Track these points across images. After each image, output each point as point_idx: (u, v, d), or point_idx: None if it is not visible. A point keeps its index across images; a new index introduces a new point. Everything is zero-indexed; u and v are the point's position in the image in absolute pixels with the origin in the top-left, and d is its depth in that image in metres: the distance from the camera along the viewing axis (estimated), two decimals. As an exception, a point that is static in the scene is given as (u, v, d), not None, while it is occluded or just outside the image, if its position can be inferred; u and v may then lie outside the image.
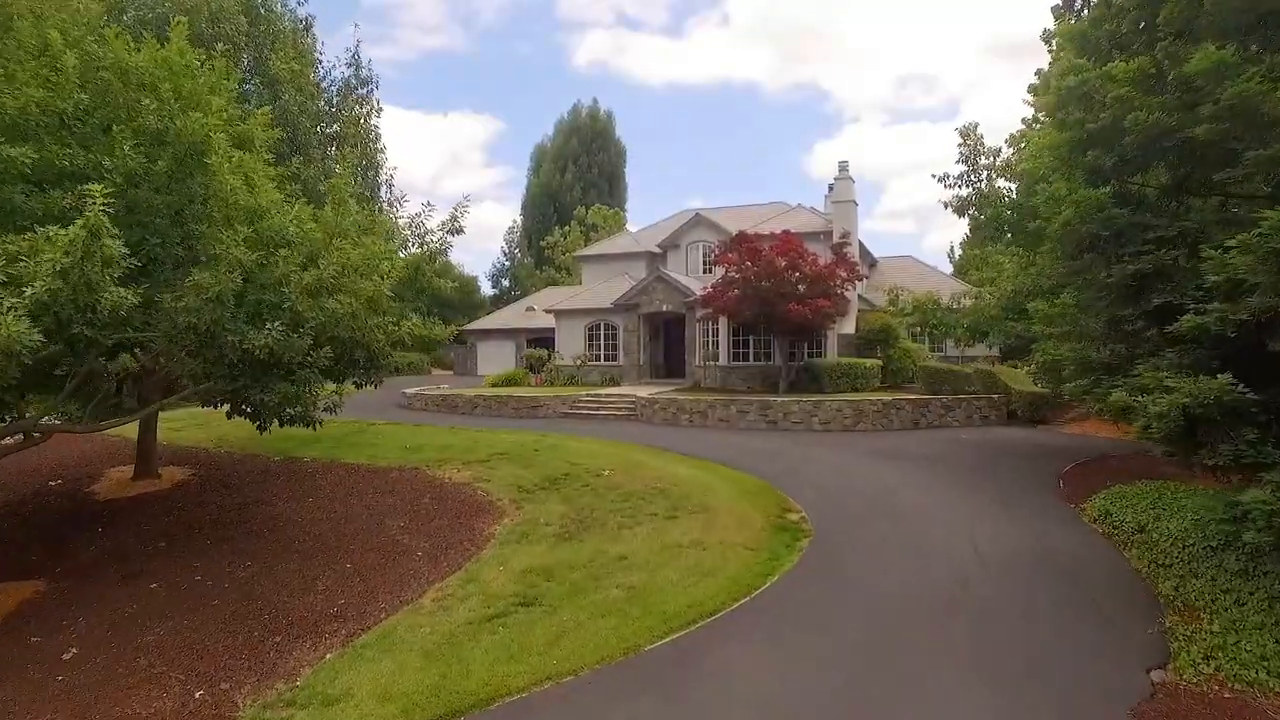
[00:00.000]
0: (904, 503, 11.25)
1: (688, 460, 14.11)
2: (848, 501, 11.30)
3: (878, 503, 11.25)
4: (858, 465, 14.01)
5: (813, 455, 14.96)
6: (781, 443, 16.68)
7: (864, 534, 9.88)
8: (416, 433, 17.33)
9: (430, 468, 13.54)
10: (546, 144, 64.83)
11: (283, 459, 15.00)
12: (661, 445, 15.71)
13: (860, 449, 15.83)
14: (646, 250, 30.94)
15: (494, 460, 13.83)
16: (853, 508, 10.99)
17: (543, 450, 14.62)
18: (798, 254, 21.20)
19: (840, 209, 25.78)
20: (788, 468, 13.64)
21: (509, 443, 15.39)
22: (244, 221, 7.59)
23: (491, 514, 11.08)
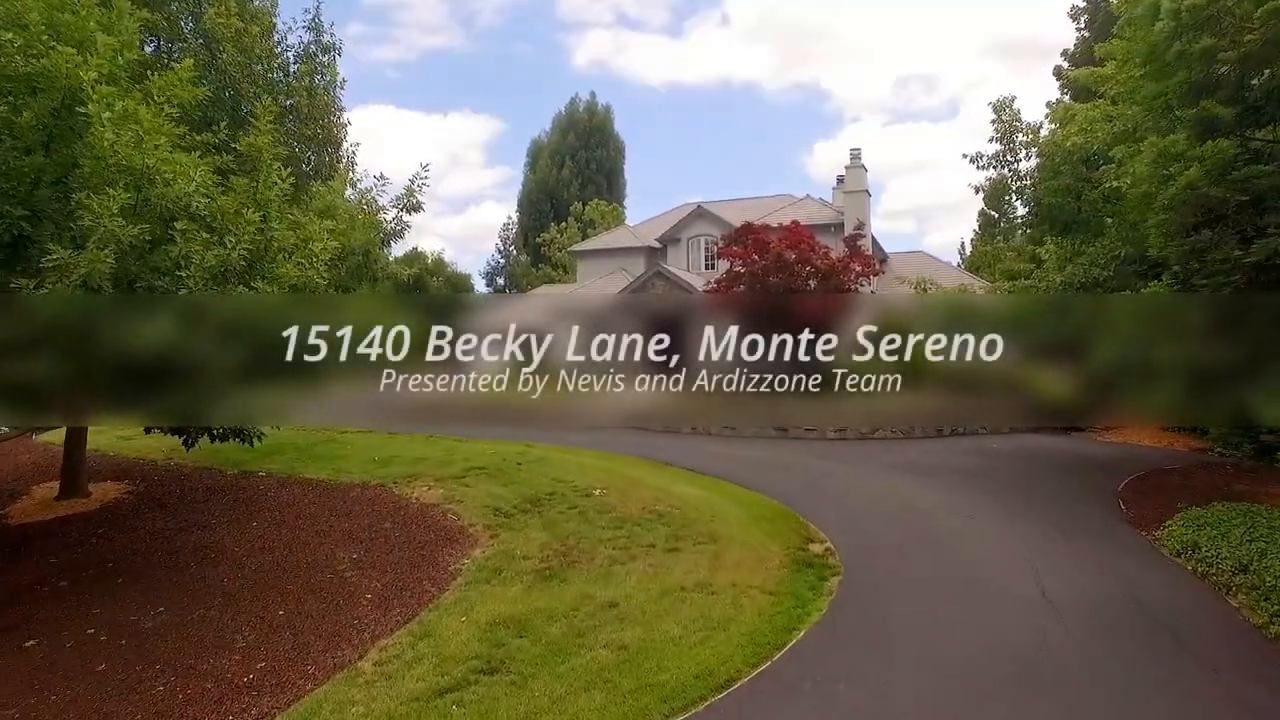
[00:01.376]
0: (944, 530, 9.60)
1: (690, 476, 12.46)
2: (879, 529, 9.66)
3: (914, 530, 9.61)
4: (883, 481, 12.37)
5: (831, 469, 13.31)
6: (794, 453, 15.04)
7: (904, 572, 8.23)
8: (390, 442, 15.66)
9: (398, 485, 11.89)
10: (544, 139, 63.23)
11: (237, 473, 13.34)
12: (660, 458, 14.05)
13: (882, 461, 14.18)
14: (645, 245, 29.31)
15: (471, 476, 12.17)
16: (886, 537, 9.35)
17: (526, 464, 12.96)
18: (808, 246, 19.57)
19: (852, 199, 24.17)
20: (804, 485, 12.00)
21: (490, 455, 13.73)
22: (130, 186, 5.96)
23: (461, 543, 9.43)
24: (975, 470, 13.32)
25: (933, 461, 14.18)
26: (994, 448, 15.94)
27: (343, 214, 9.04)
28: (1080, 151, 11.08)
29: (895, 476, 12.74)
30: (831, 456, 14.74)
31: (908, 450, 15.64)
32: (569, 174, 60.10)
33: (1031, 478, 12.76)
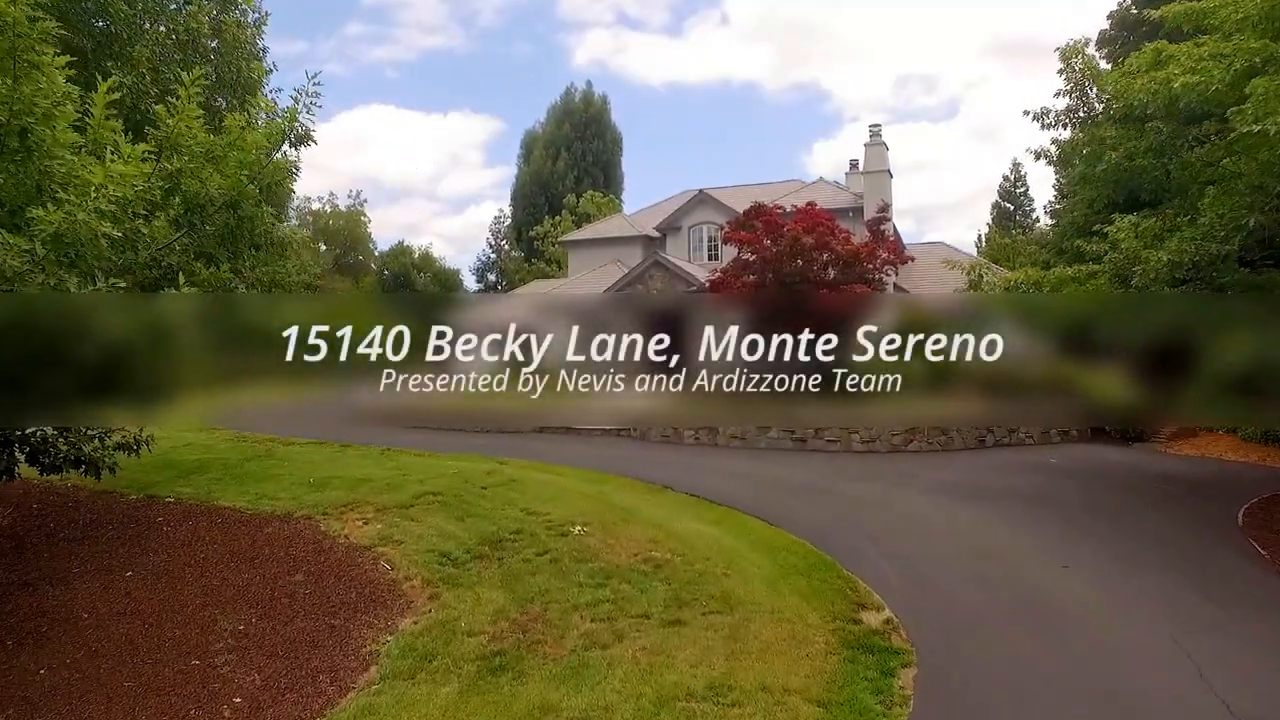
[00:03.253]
0: (1040, 588, 7.15)
1: (695, 504, 10.01)
2: (951, 586, 7.21)
3: (1000, 589, 7.16)
4: (934, 510, 9.93)
5: (866, 493, 10.86)
6: (817, 471, 12.59)
7: (1005, 665, 5.78)
8: (337, 458, 13.21)
9: (328, 517, 9.43)
10: (538, 130, 60.75)
11: (140, 499, 10.86)
12: (659, 477, 11.59)
13: (926, 481, 11.74)
14: (642, 234, 26.85)
15: (421, 506, 9.72)
16: (964, 599, 6.90)
17: (493, 488, 10.50)
18: (827, 230, 17.12)
19: (873, 181, 21.73)
20: (838, 516, 9.55)
21: (450, 475, 11.28)
22: None
23: (388, 607, 6.98)
24: (1043, 494, 10.88)
25: (986, 481, 11.75)
26: (1052, 463, 13.51)
27: (193, 145, 6.55)
28: (1194, 92, 8.66)
29: (948, 502, 10.29)
30: (863, 475, 12.29)
31: (950, 466, 13.20)
32: (564, 166, 57.54)
33: (1118, 504, 10.32)
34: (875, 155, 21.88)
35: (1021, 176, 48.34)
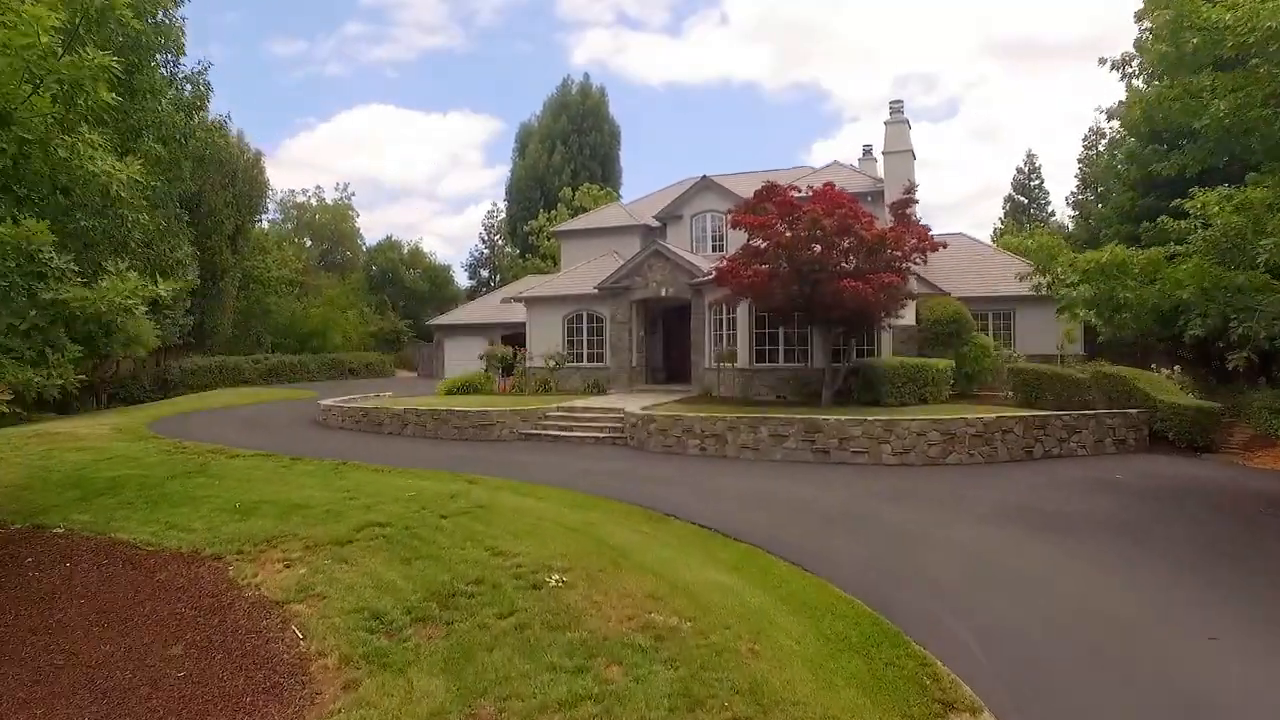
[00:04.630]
0: (1194, 674, 5.16)
1: (705, 539, 8.01)
2: (1068, 673, 5.20)
3: (1134, 675, 5.16)
4: (1005, 545, 7.94)
5: (912, 520, 8.86)
6: (847, 489, 10.60)
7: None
8: (279, 474, 11.21)
9: (242, 558, 7.44)
10: (533, 123, 58.71)
11: (23, 528, 8.88)
12: (659, 501, 9.61)
13: (979, 503, 9.75)
14: (641, 224, 24.87)
15: (361, 542, 7.72)
16: (1091, 697, 4.90)
17: (455, 517, 8.51)
18: (850, 213, 15.13)
19: (894, 162, 19.77)
20: (886, 554, 7.56)
21: (406, 499, 9.29)
22: None
23: (284, 702, 4.99)
24: (1129, 522, 8.89)
25: (1051, 504, 9.76)
26: (1118, 479, 11.53)
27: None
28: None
29: (1018, 535, 8.30)
30: (902, 495, 10.30)
31: (1001, 483, 11.21)
32: (561, 160, 55.51)
33: (1229, 537, 8.33)
34: (896, 134, 19.92)
35: (1036, 169, 46.45)
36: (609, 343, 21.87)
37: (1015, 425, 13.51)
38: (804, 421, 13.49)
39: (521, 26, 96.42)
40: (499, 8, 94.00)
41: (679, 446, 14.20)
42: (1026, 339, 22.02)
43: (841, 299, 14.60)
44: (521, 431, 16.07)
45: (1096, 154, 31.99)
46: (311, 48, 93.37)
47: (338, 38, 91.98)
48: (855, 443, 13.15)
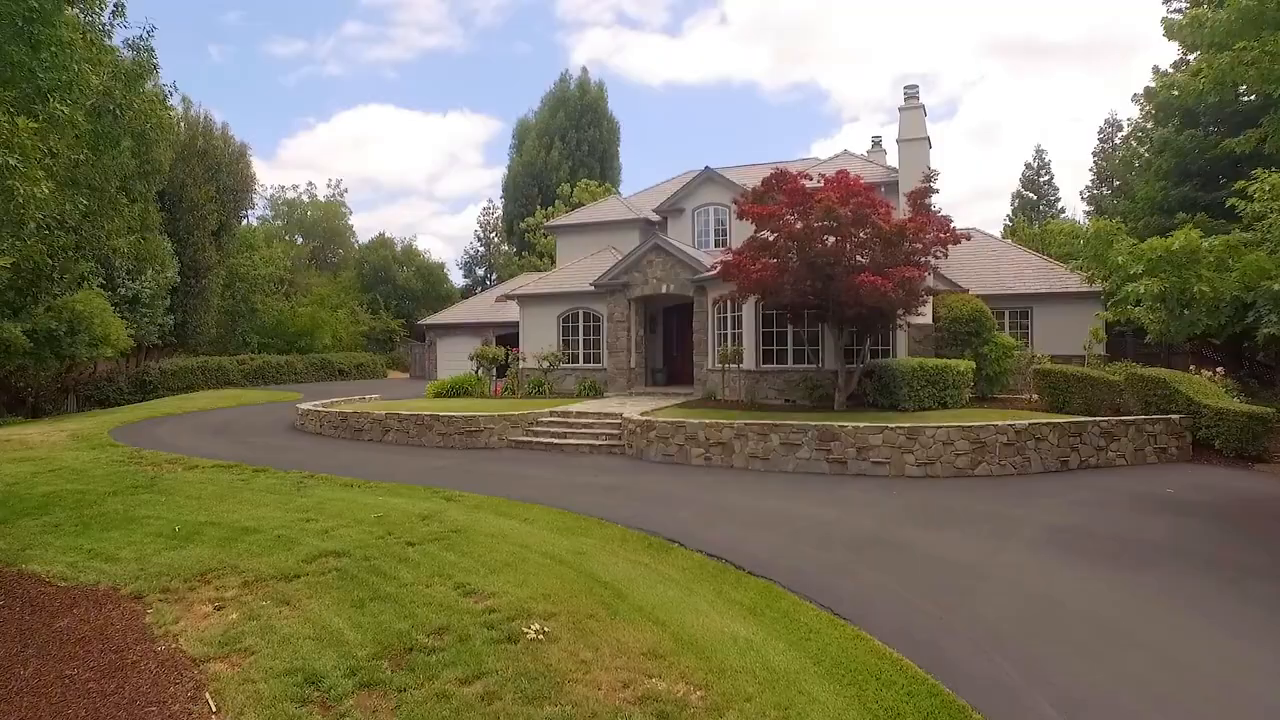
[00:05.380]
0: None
1: (717, 572, 6.81)
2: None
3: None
4: (1071, 582, 6.74)
5: (953, 548, 7.68)
6: (871, 507, 9.42)
7: None
8: (235, 490, 10.03)
9: (167, 597, 6.27)
10: (531, 119, 57.52)
11: (-71, 556, 7.71)
12: (661, 523, 8.43)
13: (1022, 526, 8.57)
14: (640, 217, 23.69)
15: (310, 576, 6.56)
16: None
17: (425, 544, 7.34)
18: (866, 200, 13.96)
19: (910, 150, 18.60)
20: (933, 595, 6.38)
21: (371, 520, 8.12)
22: None
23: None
24: (1202, 550, 7.71)
25: (1109, 527, 8.58)
26: (1169, 494, 10.37)
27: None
28: None
29: (1077, 567, 7.12)
30: (934, 514, 9.12)
31: (1042, 499, 10.05)
32: (558, 156, 54.33)
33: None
34: (911, 120, 18.76)
35: (1045, 164, 45.28)
36: (606, 343, 20.71)
37: (1049, 433, 12.34)
38: (818, 429, 12.32)
39: (521, 26, 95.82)
40: (499, 8, 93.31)
41: (681, 456, 13.04)
42: (1044, 338, 20.87)
43: (858, 295, 13.44)
44: (511, 439, 14.90)
45: (1112, 147, 30.82)
46: (311, 48, 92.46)
47: (337, 38, 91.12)
48: (875, 452, 11.99)
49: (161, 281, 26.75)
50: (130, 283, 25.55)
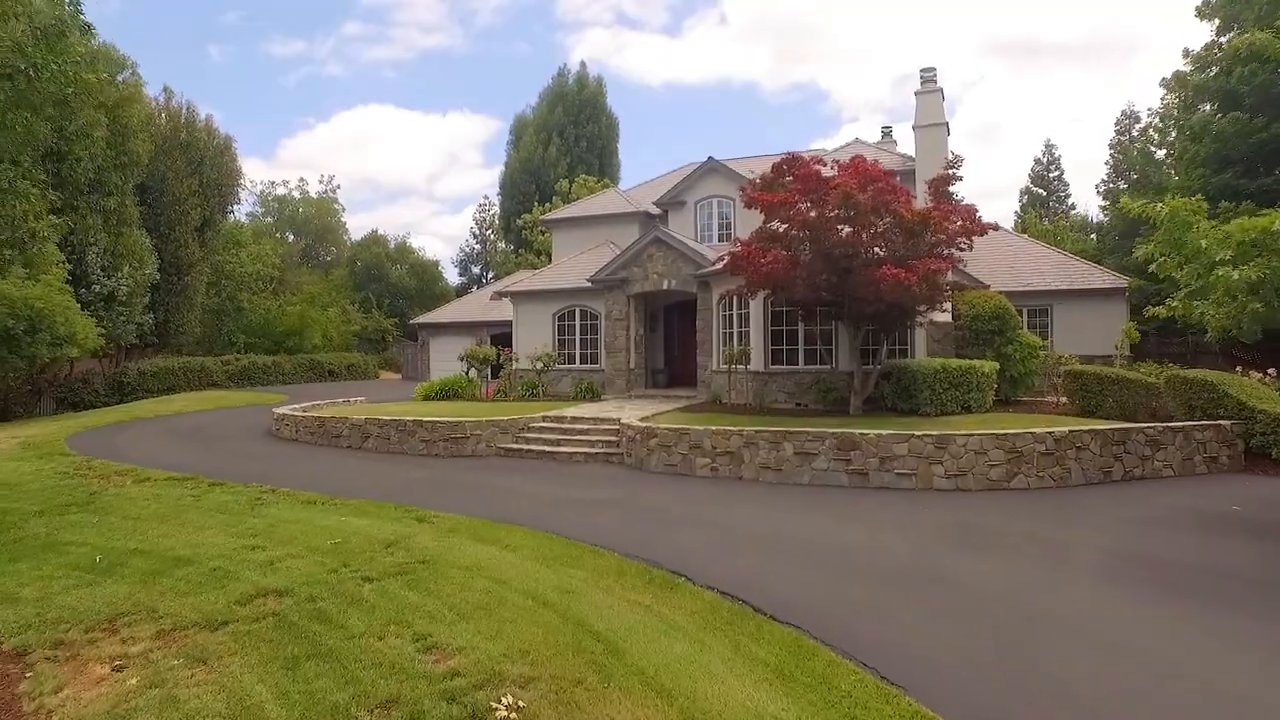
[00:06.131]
0: None
1: (732, 617, 5.64)
2: None
3: None
4: (1145, 628, 5.59)
5: (1006, 581, 6.53)
6: (902, 527, 8.27)
7: None
8: (182, 508, 8.86)
9: (56, 655, 5.12)
10: (528, 114, 56.35)
11: None
12: (665, 552, 7.27)
13: (1078, 552, 7.43)
14: (640, 210, 22.54)
15: (240, 624, 5.41)
16: None
17: (384, 580, 6.19)
18: (886, 187, 12.82)
19: (927, 137, 17.45)
20: (985, 645, 5.22)
21: (327, 550, 6.97)
22: None
23: None
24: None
25: (1180, 553, 7.42)
26: (1235, 510, 9.23)
27: None
28: None
29: (1158, 608, 5.97)
30: (976, 538, 7.97)
31: (1091, 516, 8.91)
32: (556, 152, 53.13)
33: None
34: (929, 105, 17.61)
35: (1055, 160, 44.13)
36: (604, 342, 19.56)
37: (1091, 441, 11.20)
38: (837, 436, 11.17)
39: (521, 26, 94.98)
40: (498, 8, 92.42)
41: (685, 466, 11.89)
42: (1065, 337, 19.74)
43: (878, 289, 12.30)
44: (500, 446, 13.75)
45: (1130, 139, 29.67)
46: (310, 48, 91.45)
47: (337, 38, 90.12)
48: (900, 463, 10.84)
49: (139, 278, 25.59)
50: (106, 279, 24.37)
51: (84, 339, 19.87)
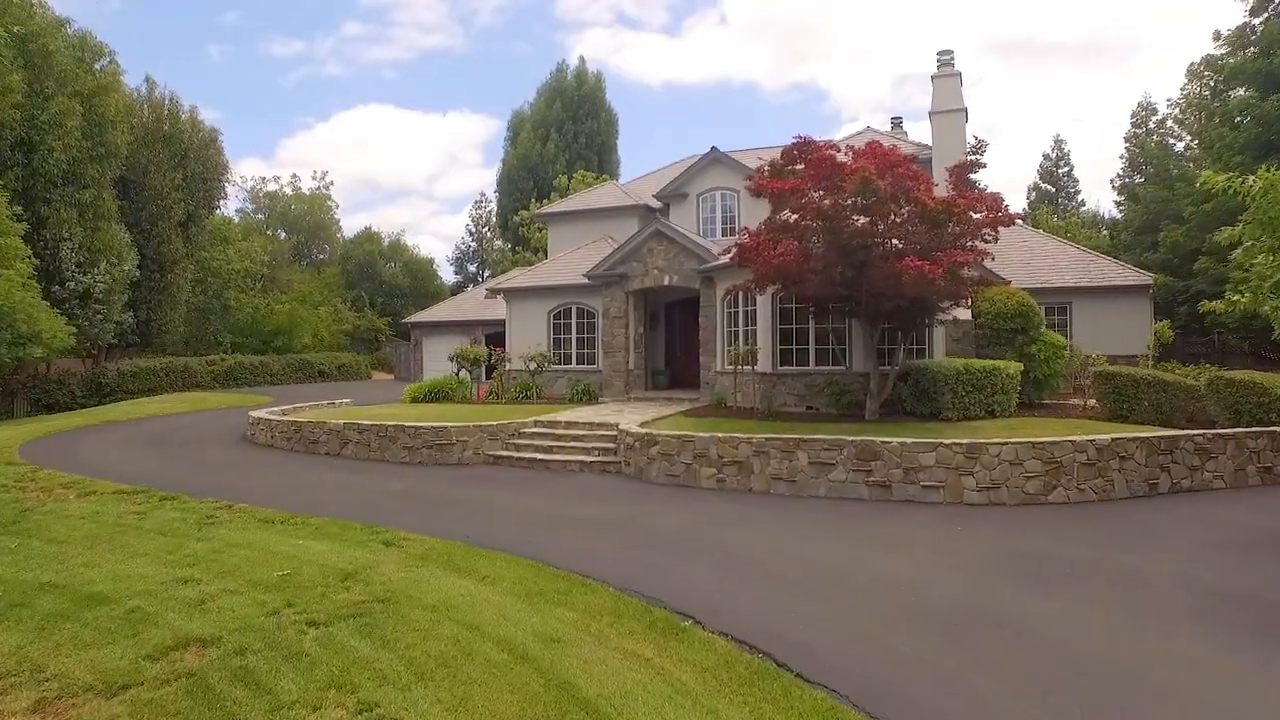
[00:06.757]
0: None
1: (753, 678, 4.59)
2: None
3: None
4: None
5: (1074, 627, 5.49)
6: (945, 560, 7.23)
7: None
8: (114, 532, 7.80)
9: (-81, 724, 4.10)
10: (526, 110, 55.28)
11: None
12: (670, 588, 6.23)
13: (1152, 584, 6.39)
14: (640, 204, 21.50)
15: (143, 691, 4.37)
16: None
17: (332, 625, 5.14)
18: (908, 172, 11.79)
19: (945, 124, 16.44)
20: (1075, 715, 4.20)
21: (272, 584, 5.93)
22: None
23: None
24: None
25: (1268, 585, 6.40)
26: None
27: None
28: None
29: (1276, 669, 4.94)
30: (1028, 565, 6.94)
31: (1153, 538, 7.89)
32: (555, 149, 52.04)
33: None
34: (946, 90, 16.57)
35: (1065, 155, 43.15)
36: (601, 341, 18.52)
37: (1136, 450, 10.16)
38: (856, 445, 10.13)
39: (521, 26, 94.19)
40: (498, 8, 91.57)
41: (689, 477, 10.85)
42: (1086, 337, 18.70)
43: (899, 284, 11.27)
44: (488, 454, 12.72)
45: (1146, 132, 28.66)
46: (310, 48, 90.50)
47: (336, 38, 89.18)
48: (927, 474, 9.80)
49: (118, 275, 24.52)
50: (81, 276, 23.30)
51: (51, 338, 18.81)
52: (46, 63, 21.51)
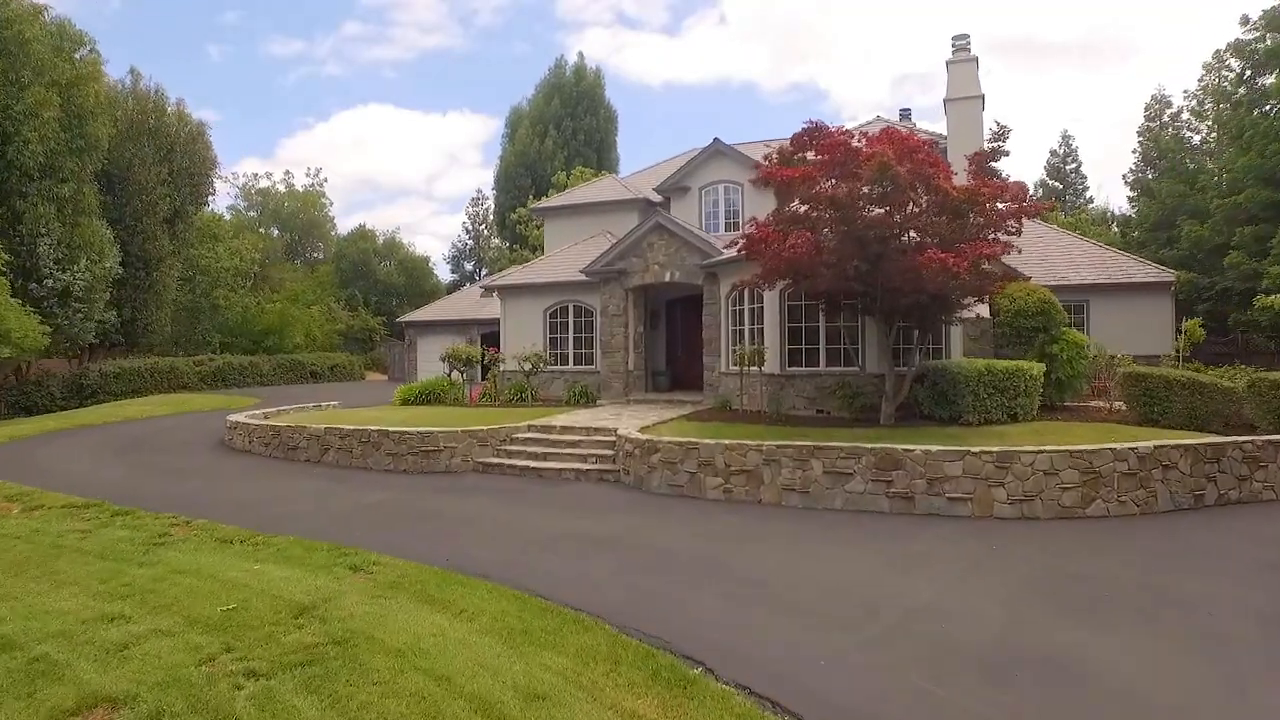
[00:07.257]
0: None
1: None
2: None
3: None
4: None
5: (1144, 675, 4.68)
6: (985, 584, 6.41)
7: None
8: (48, 556, 6.94)
9: None
10: (524, 106, 54.44)
11: None
12: (676, 626, 5.41)
13: (1222, 617, 5.58)
14: (640, 198, 20.67)
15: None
16: None
17: (275, 678, 4.31)
18: (928, 158, 10.97)
19: (961, 111, 15.63)
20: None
21: (214, 623, 5.10)
22: None
23: None
24: None
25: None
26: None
27: None
28: None
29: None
30: (1083, 597, 6.11)
31: (1212, 559, 7.09)
32: (553, 145, 51.19)
33: None
34: (962, 76, 15.77)
35: (1073, 151, 42.30)
36: (600, 341, 17.69)
37: (1180, 458, 9.34)
38: (875, 453, 9.31)
39: (521, 26, 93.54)
40: (498, 8, 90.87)
41: (693, 487, 10.02)
42: (1104, 336, 17.85)
43: (919, 278, 10.45)
44: (478, 461, 11.89)
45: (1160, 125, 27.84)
46: (310, 48, 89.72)
47: (336, 38, 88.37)
48: (953, 485, 8.98)
49: (99, 272, 23.66)
50: (60, 273, 22.44)
51: (21, 338, 17.98)
52: (22, 50, 20.68)
